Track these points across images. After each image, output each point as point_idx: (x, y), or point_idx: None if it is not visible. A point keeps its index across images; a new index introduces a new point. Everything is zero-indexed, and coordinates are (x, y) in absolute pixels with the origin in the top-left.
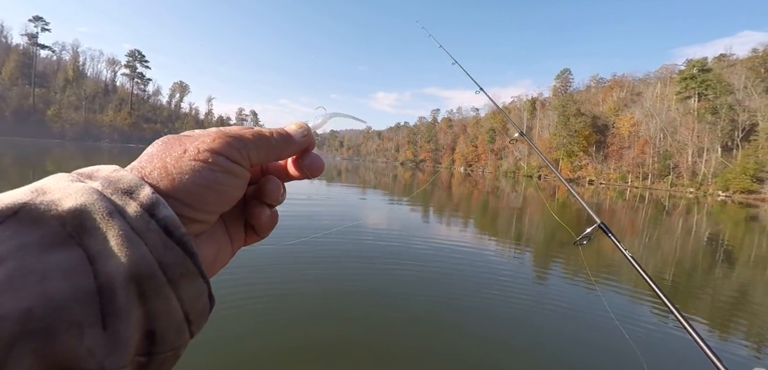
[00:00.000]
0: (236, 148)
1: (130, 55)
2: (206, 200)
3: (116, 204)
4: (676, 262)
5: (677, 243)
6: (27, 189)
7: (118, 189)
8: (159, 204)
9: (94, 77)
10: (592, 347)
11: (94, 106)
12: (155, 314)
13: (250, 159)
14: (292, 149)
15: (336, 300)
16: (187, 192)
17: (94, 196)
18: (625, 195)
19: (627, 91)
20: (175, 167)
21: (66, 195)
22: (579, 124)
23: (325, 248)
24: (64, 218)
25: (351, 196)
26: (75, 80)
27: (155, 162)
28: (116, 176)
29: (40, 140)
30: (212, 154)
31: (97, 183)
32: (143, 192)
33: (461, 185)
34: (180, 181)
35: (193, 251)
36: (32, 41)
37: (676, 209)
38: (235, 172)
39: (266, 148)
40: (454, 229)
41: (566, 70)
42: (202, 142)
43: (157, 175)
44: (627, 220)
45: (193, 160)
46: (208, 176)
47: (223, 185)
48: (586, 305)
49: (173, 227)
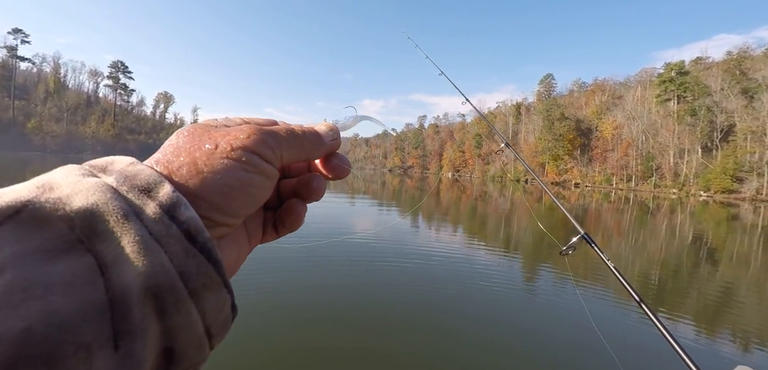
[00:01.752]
0: (271, 147)
1: (113, 66)
2: (236, 201)
3: (133, 204)
4: (661, 262)
5: (662, 244)
6: (32, 184)
7: (134, 186)
8: (180, 204)
9: (76, 89)
10: (573, 348)
11: (76, 118)
12: (175, 330)
13: (282, 159)
14: (321, 151)
15: (327, 307)
16: (218, 193)
17: (108, 194)
18: (610, 197)
19: (609, 94)
20: (207, 165)
21: (76, 192)
22: (563, 128)
23: (317, 257)
24: (73, 219)
25: (343, 205)
26: (56, 92)
27: (183, 156)
28: (133, 171)
29: (20, 153)
30: (246, 152)
31: (111, 178)
32: (163, 190)
33: (450, 190)
34: (211, 180)
35: (217, 258)
36: (11, 53)
37: (660, 210)
38: (267, 173)
39: (298, 147)
40: (445, 234)
41: (549, 75)
42: (235, 137)
43: (186, 172)
44: (613, 222)
45: (226, 157)
46: (241, 177)
47: (255, 187)
48: (570, 308)
49: (196, 232)
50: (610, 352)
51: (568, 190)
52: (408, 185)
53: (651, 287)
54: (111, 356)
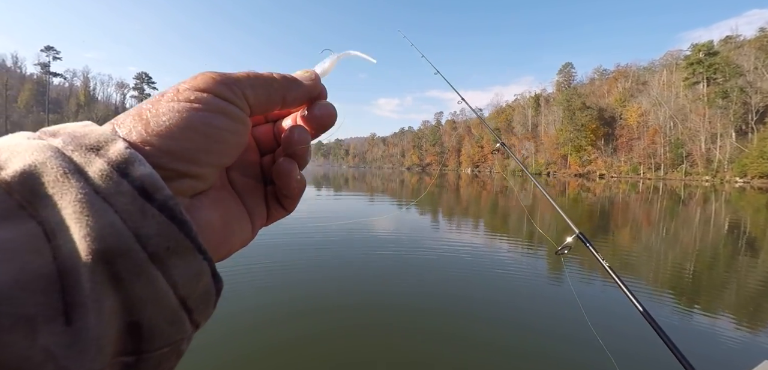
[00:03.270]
0: (225, 84)
1: (138, 77)
2: (195, 145)
3: (76, 163)
4: (696, 254)
5: (696, 234)
6: None
7: (81, 145)
8: (134, 160)
9: (104, 101)
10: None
11: None
12: (137, 301)
13: (246, 98)
14: (299, 93)
15: (341, 312)
16: (168, 137)
17: (48, 153)
18: (637, 187)
19: (632, 81)
20: (151, 112)
21: (14, 155)
22: (585, 117)
23: (337, 252)
24: (9, 183)
25: (361, 203)
26: (86, 105)
27: (129, 111)
28: (82, 131)
29: None
30: (194, 92)
31: (58, 140)
32: (114, 147)
33: (469, 186)
34: (156, 124)
35: (182, 218)
36: (45, 70)
37: (692, 199)
38: (228, 112)
39: (265, 87)
40: (465, 231)
41: (568, 64)
42: (183, 82)
43: (131, 121)
44: (641, 213)
45: (172, 101)
46: (192, 117)
47: (214, 128)
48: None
49: (153, 189)
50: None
51: (592, 181)
52: (426, 183)
53: (685, 279)
54: (62, 331)
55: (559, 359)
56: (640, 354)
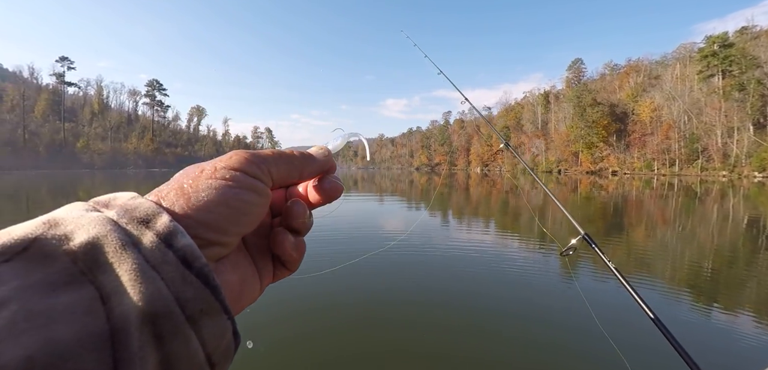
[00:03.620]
0: (255, 163)
1: (149, 84)
2: (224, 217)
3: (131, 235)
4: (713, 251)
5: (713, 231)
6: (39, 221)
7: (133, 218)
8: (177, 232)
9: (117, 108)
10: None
11: (119, 136)
12: (174, 357)
13: (270, 175)
14: (313, 168)
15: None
16: (204, 209)
17: (108, 226)
18: (652, 184)
19: (644, 75)
20: (192, 187)
21: (79, 227)
22: (596, 114)
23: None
24: (76, 253)
25: (371, 204)
26: (100, 113)
27: (172, 185)
28: (133, 204)
29: (71, 171)
30: (229, 171)
31: (112, 212)
32: (160, 220)
33: (479, 185)
34: (196, 199)
35: (214, 283)
36: (60, 80)
37: (709, 195)
38: (255, 188)
39: (287, 164)
40: (476, 230)
41: (578, 60)
42: (219, 160)
43: (174, 196)
44: (656, 210)
45: (209, 178)
46: (226, 193)
47: (243, 202)
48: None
49: (192, 258)
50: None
51: (605, 178)
52: (436, 182)
53: (703, 278)
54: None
55: (567, 350)
56: (648, 347)
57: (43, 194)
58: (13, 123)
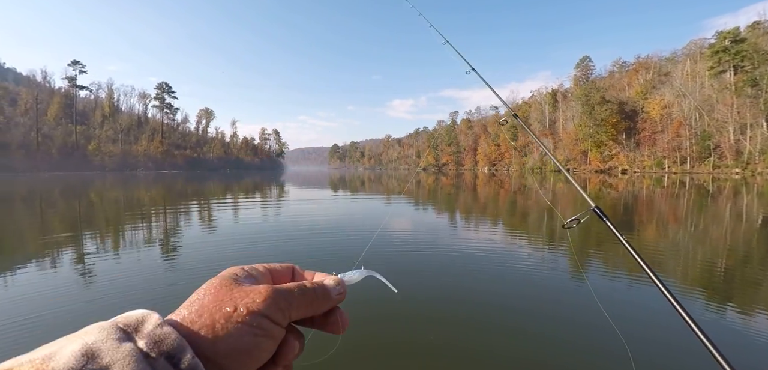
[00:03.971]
0: (281, 310)
1: (159, 87)
2: (243, 364)
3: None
4: (727, 250)
5: (727, 229)
6: (77, 351)
7: (162, 352)
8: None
9: (127, 111)
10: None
11: (129, 138)
12: None
13: (290, 318)
14: (327, 306)
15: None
16: (226, 356)
17: (140, 366)
18: (662, 182)
19: (654, 72)
20: (223, 328)
21: (114, 362)
22: (605, 112)
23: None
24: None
25: (375, 203)
26: (111, 115)
27: (205, 317)
28: (160, 334)
29: (83, 173)
30: (258, 317)
31: (142, 342)
32: (185, 358)
33: (486, 185)
34: (223, 345)
35: None
36: (72, 84)
37: (721, 193)
38: (274, 335)
39: (307, 304)
40: (485, 227)
41: (586, 58)
42: (251, 300)
43: (205, 333)
44: (668, 208)
45: (240, 322)
46: (250, 340)
47: (261, 350)
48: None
49: None
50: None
51: (614, 177)
52: (443, 183)
53: (717, 276)
54: None
55: (575, 342)
56: (657, 339)
57: (56, 196)
58: (27, 126)
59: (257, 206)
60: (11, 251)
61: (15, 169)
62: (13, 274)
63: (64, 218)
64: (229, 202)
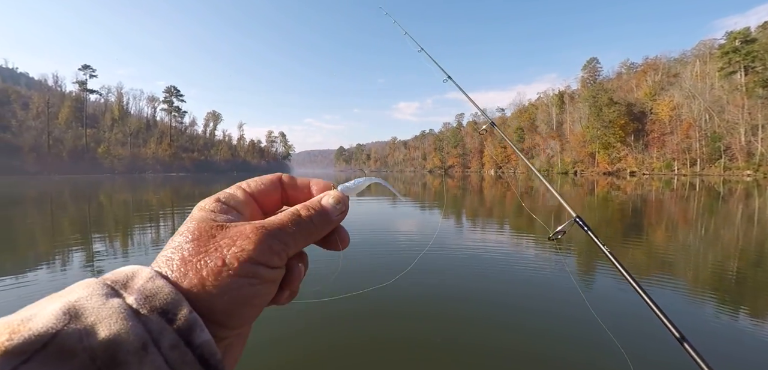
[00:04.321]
0: (276, 252)
1: (167, 91)
2: (244, 316)
3: (152, 330)
4: (738, 253)
5: (738, 232)
6: (59, 309)
7: (154, 308)
8: (196, 327)
9: (136, 114)
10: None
11: (138, 141)
12: None
13: (288, 255)
14: (328, 229)
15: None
16: (225, 312)
17: (129, 322)
18: (672, 184)
19: (662, 73)
20: (215, 285)
21: (99, 320)
22: (613, 113)
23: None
24: (95, 351)
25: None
26: (120, 119)
27: (191, 273)
28: (152, 289)
29: (93, 176)
30: (252, 265)
31: (132, 298)
32: (181, 312)
33: (493, 188)
34: (219, 300)
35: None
36: (82, 88)
37: (732, 195)
38: (273, 278)
39: (305, 235)
40: (490, 230)
41: (593, 59)
42: (241, 249)
43: (196, 292)
44: (677, 210)
45: (234, 276)
46: (248, 292)
47: (261, 296)
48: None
49: (209, 354)
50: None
51: (622, 179)
52: (449, 185)
53: (728, 280)
54: None
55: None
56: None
57: (66, 198)
58: (39, 129)
59: None
60: (24, 251)
61: (27, 171)
62: (24, 275)
63: (75, 219)
64: None
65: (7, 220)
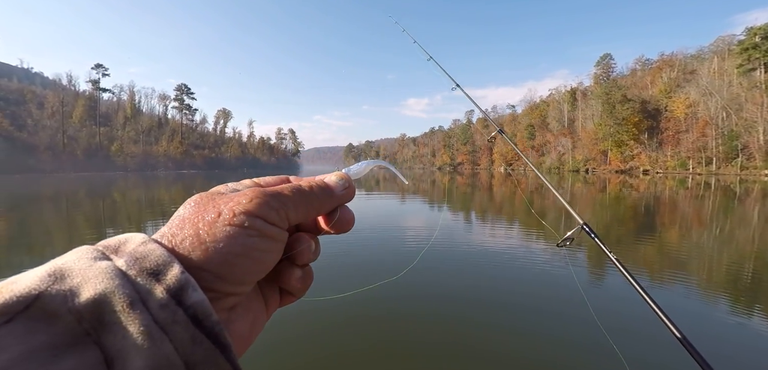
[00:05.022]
0: (274, 208)
1: (178, 89)
2: (243, 269)
3: (140, 290)
4: (755, 254)
5: (755, 233)
6: (44, 271)
7: (143, 269)
8: (188, 286)
9: (148, 112)
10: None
11: (150, 139)
12: None
13: (288, 219)
14: (331, 204)
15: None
16: (222, 263)
17: (116, 281)
18: (686, 183)
19: (678, 70)
20: (209, 234)
21: (86, 280)
22: (626, 110)
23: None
24: (81, 311)
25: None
26: (133, 117)
27: (187, 228)
28: (142, 251)
29: (107, 174)
30: (248, 217)
31: (121, 261)
32: (171, 272)
33: (503, 185)
34: (214, 249)
35: (225, 342)
36: (95, 87)
37: (749, 195)
38: (273, 235)
39: (306, 203)
40: (499, 232)
41: (607, 55)
42: (237, 203)
43: (189, 244)
44: (691, 210)
45: (228, 224)
46: (244, 242)
47: (261, 251)
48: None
49: (204, 315)
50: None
51: (635, 178)
52: (458, 183)
53: (743, 282)
54: None
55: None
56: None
57: (81, 196)
58: (54, 128)
59: None
60: (41, 249)
61: (43, 169)
62: None
63: (90, 216)
64: None
65: (25, 217)
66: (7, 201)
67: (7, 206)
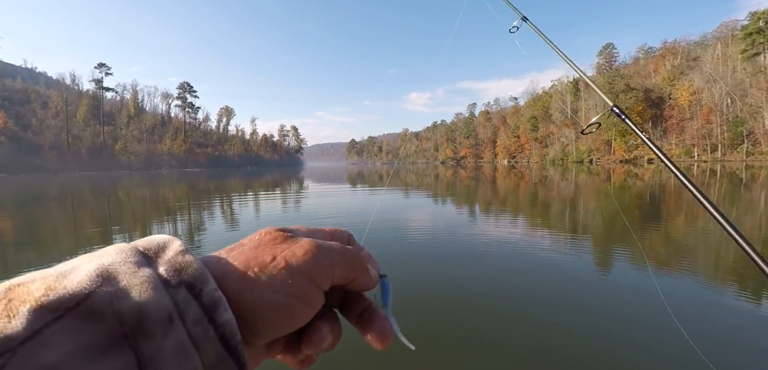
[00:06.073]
0: (323, 268)
1: (181, 87)
2: (267, 323)
3: (179, 303)
4: (762, 240)
5: (762, 219)
6: (93, 271)
7: (182, 282)
8: (220, 305)
9: (151, 111)
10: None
11: (153, 138)
12: None
13: (331, 281)
14: (366, 280)
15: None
16: (251, 310)
17: (159, 291)
18: (692, 171)
19: (682, 57)
20: (255, 276)
21: (131, 286)
22: (630, 99)
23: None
24: (124, 315)
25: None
26: (136, 116)
27: (239, 260)
28: (181, 262)
29: (111, 173)
30: (296, 274)
31: (162, 269)
32: (207, 288)
33: (506, 178)
34: (249, 297)
35: (244, 362)
36: (99, 86)
37: (756, 181)
38: (310, 299)
39: (350, 269)
40: (505, 223)
41: (609, 45)
42: (292, 253)
43: (234, 276)
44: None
45: (275, 275)
46: (283, 302)
47: (293, 313)
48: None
49: (230, 335)
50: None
51: (640, 167)
52: (462, 176)
53: (751, 270)
54: None
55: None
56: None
57: (86, 195)
58: (58, 128)
59: (278, 200)
60: (48, 247)
61: (47, 169)
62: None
63: (95, 215)
64: (250, 197)
65: (32, 216)
66: (13, 200)
67: (14, 205)
